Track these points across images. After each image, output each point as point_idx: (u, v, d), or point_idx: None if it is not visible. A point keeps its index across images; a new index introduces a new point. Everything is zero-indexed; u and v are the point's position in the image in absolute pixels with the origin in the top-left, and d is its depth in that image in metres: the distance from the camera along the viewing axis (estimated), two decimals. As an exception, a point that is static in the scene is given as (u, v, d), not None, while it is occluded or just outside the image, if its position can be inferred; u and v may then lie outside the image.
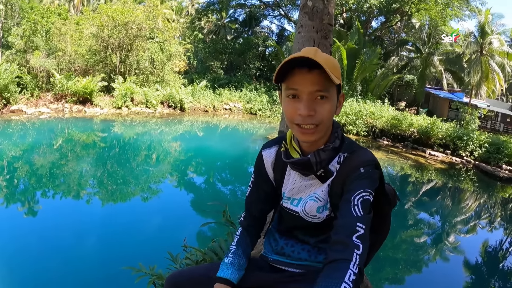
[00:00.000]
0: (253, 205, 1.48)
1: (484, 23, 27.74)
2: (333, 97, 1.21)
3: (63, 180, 9.25)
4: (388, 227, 1.51)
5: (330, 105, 1.20)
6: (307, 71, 1.16)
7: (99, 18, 21.54)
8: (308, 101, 1.18)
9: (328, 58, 1.19)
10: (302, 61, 1.15)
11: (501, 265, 7.49)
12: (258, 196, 1.47)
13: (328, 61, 1.17)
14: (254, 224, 1.49)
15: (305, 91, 1.17)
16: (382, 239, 1.53)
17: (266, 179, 1.44)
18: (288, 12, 36.17)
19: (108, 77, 21.82)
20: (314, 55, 1.15)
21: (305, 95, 1.18)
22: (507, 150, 16.42)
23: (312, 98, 1.18)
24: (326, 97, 1.18)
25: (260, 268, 1.43)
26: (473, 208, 11.43)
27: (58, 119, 17.16)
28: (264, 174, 1.44)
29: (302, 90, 1.18)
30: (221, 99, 26.38)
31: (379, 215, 1.39)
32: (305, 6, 2.93)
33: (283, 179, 1.40)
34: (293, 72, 1.18)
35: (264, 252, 1.50)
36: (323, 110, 1.19)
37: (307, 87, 1.17)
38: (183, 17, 42.64)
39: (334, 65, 1.19)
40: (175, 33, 28.00)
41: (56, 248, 5.37)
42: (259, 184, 1.46)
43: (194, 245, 2.65)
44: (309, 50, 1.18)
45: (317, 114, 1.18)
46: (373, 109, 21.77)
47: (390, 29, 36.66)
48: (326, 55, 1.20)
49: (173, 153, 13.96)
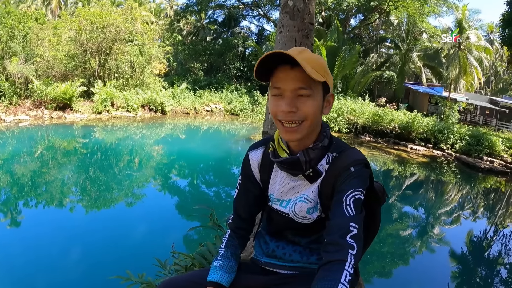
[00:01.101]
0: (241, 207, 1.46)
1: (461, 19, 28.35)
2: (317, 95, 1.20)
3: (45, 188, 9.06)
4: (378, 224, 1.51)
5: (313, 102, 1.19)
6: (290, 68, 1.16)
7: (77, 22, 21.19)
8: (290, 98, 1.17)
9: (313, 57, 1.18)
10: (285, 59, 1.14)
11: (486, 253, 7.63)
12: (246, 199, 1.45)
13: (311, 60, 1.16)
14: (242, 226, 1.47)
15: (287, 88, 1.17)
16: (372, 237, 1.53)
17: (254, 181, 1.43)
18: (267, 12, 36.24)
19: (88, 81, 21.49)
20: (298, 53, 1.15)
21: (288, 92, 1.17)
22: (487, 142, 16.79)
23: (294, 95, 1.18)
24: (308, 95, 1.18)
25: (251, 271, 1.42)
26: (456, 200, 11.64)
27: (38, 126, 16.82)
28: (251, 176, 1.42)
29: (285, 87, 1.18)
30: (202, 100, 26.32)
31: (369, 213, 1.38)
32: (285, 6, 2.93)
33: (270, 180, 1.39)
34: (277, 70, 1.18)
35: (254, 255, 1.49)
36: (305, 107, 1.18)
37: (289, 84, 1.17)
38: (162, 19, 42.38)
39: (319, 64, 1.18)
40: (154, 36, 27.77)
41: (39, 259, 5.24)
42: (247, 186, 1.44)
43: (182, 250, 2.62)
44: (296, 49, 1.18)
45: (299, 111, 1.18)
46: (354, 106, 21.99)
47: (369, 26, 37.08)
48: (311, 54, 1.19)
49: (156, 157, 13.83)
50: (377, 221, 1.49)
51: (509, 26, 15.95)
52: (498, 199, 12.13)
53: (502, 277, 6.57)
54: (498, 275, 6.65)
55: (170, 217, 7.76)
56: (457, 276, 6.38)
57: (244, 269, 1.42)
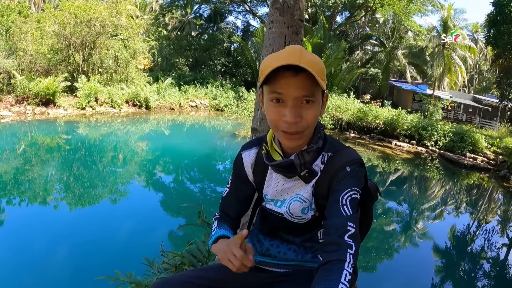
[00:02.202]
0: (230, 207, 1.44)
1: (446, 18, 28.75)
2: (319, 101, 1.17)
3: (28, 186, 8.88)
4: (370, 221, 1.51)
5: (316, 109, 1.16)
6: (293, 75, 1.10)
7: (61, 16, 20.76)
8: (294, 107, 1.12)
9: (314, 60, 1.13)
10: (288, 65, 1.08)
11: (469, 248, 7.78)
12: (237, 198, 1.43)
13: (314, 63, 1.11)
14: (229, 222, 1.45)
15: (290, 96, 1.12)
16: (364, 234, 1.53)
17: (246, 181, 1.40)
18: (253, 8, 36.17)
19: (71, 76, 21.09)
20: (299, 56, 1.09)
21: (291, 100, 1.12)
22: (471, 139, 17.10)
23: (297, 103, 1.13)
24: (312, 101, 1.14)
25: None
26: (440, 195, 11.83)
27: (21, 122, 16.48)
28: (243, 176, 1.40)
29: (287, 94, 1.12)
30: (187, 96, 26.18)
31: (362, 211, 1.38)
32: (275, 2, 2.91)
33: (265, 181, 1.37)
34: (277, 75, 1.11)
35: (248, 254, 1.47)
36: (309, 115, 1.14)
37: (292, 92, 1.11)
38: (147, 13, 41.88)
39: (321, 67, 1.13)
40: (139, 30, 27.44)
41: (23, 260, 5.12)
42: (238, 186, 1.42)
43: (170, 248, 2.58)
44: (294, 51, 1.12)
45: (303, 120, 1.14)
46: (339, 103, 22.16)
47: (355, 24, 37.31)
48: (311, 56, 1.14)
49: (141, 153, 13.71)
50: (369, 219, 1.50)
51: (494, 26, 16.25)
52: (481, 195, 12.38)
53: (485, 270, 6.71)
54: (481, 268, 6.80)
55: (157, 215, 7.70)
56: (441, 269, 6.50)
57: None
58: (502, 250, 7.77)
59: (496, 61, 19.14)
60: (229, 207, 1.44)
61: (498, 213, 10.94)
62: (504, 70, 18.58)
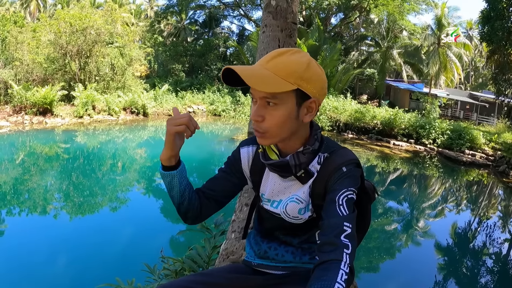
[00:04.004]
0: (212, 188, 1.40)
1: (440, 16, 28.83)
2: (286, 104, 1.15)
3: (27, 196, 8.87)
4: (368, 222, 1.51)
5: (280, 112, 1.14)
6: None
7: (56, 25, 20.81)
8: (259, 106, 1.16)
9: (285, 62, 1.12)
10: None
11: (470, 244, 7.79)
12: (221, 182, 1.41)
13: (280, 66, 1.11)
14: (203, 195, 1.41)
15: (256, 96, 1.16)
16: (363, 234, 1.53)
17: (237, 173, 1.41)
18: (248, 12, 36.24)
19: (68, 85, 21.12)
20: (267, 60, 1.13)
21: (259, 99, 1.16)
22: (469, 136, 17.13)
23: (263, 103, 1.15)
24: (274, 104, 1.14)
25: (244, 272, 1.41)
26: (440, 193, 11.85)
27: (19, 132, 16.47)
28: (237, 168, 1.41)
29: (254, 94, 1.16)
30: (184, 102, 26.18)
31: (360, 211, 1.38)
32: (268, 6, 2.92)
33: (261, 180, 1.38)
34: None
35: (246, 257, 1.48)
36: (270, 117, 1.15)
37: (256, 92, 1.15)
38: (142, 20, 42.01)
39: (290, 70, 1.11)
40: (134, 37, 27.48)
41: (24, 268, 5.12)
42: (228, 173, 1.41)
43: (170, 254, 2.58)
44: (269, 55, 1.15)
45: (265, 121, 1.16)
46: (336, 104, 22.19)
47: (350, 25, 37.41)
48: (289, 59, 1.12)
49: (139, 160, 13.71)
50: (367, 219, 1.50)
51: (488, 23, 16.29)
52: (481, 191, 12.39)
53: (487, 266, 6.71)
54: (483, 265, 6.79)
55: (157, 221, 7.69)
56: (443, 267, 6.49)
57: (236, 271, 1.40)
58: (504, 246, 7.78)
59: (491, 57, 19.16)
60: (210, 189, 1.41)
61: (498, 209, 10.96)
62: (499, 66, 18.61)
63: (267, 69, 1.11)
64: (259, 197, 1.41)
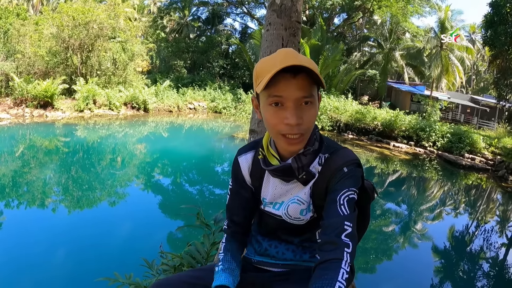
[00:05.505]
0: (235, 212, 1.42)
1: (444, 19, 28.82)
2: (317, 100, 1.16)
3: (26, 189, 8.87)
4: (367, 222, 1.52)
5: (315, 109, 1.15)
6: (292, 76, 1.09)
7: (59, 18, 20.80)
8: (294, 109, 1.11)
9: (309, 60, 1.13)
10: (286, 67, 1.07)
11: (468, 248, 7.79)
12: (240, 203, 1.41)
13: (310, 63, 1.10)
14: (239, 231, 1.43)
15: (290, 98, 1.10)
16: (362, 234, 1.54)
17: (245, 185, 1.40)
18: (251, 10, 36.22)
19: (69, 79, 21.11)
20: (296, 57, 1.09)
21: (291, 102, 1.11)
22: (469, 139, 17.14)
23: (297, 105, 1.11)
24: (311, 102, 1.13)
25: (244, 269, 1.40)
26: (439, 196, 11.85)
27: (19, 125, 16.45)
28: (242, 180, 1.40)
29: (287, 97, 1.10)
30: (185, 98, 26.19)
31: (360, 211, 1.39)
32: (273, 4, 2.92)
33: (262, 185, 1.37)
34: (275, 78, 1.08)
35: (246, 254, 1.48)
36: (309, 117, 1.13)
37: (293, 93, 1.10)
38: (145, 15, 41.93)
39: (316, 67, 1.12)
40: (137, 33, 27.49)
41: (22, 262, 5.12)
42: (238, 190, 1.41)
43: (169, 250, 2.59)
44: (290, 53, 1.11)
45: (304, 121, 1.13)
46: (337, 104, 22.20)
47: (353, 25, 37.41)
48: (304, 57, 1.13)
49: (139, 155, 13.70)
50: (366, 219, 1.50)
51: (491, 27, 16.27)
52: (479, 195, 12.40)
53: (484, 270, 6.72)
54: (480, 269, 6.80)
55: (156, 216, 7.69)
56: (440, 270, 6.50)
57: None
58: (501, 250, 7.78)
59: (493, 61, 19.15)
60: (234, 214, 1.42)
61: (496, 213, 10.97)
62: (501, 70, 18.58)
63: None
64: (259, 201, 1.40)
